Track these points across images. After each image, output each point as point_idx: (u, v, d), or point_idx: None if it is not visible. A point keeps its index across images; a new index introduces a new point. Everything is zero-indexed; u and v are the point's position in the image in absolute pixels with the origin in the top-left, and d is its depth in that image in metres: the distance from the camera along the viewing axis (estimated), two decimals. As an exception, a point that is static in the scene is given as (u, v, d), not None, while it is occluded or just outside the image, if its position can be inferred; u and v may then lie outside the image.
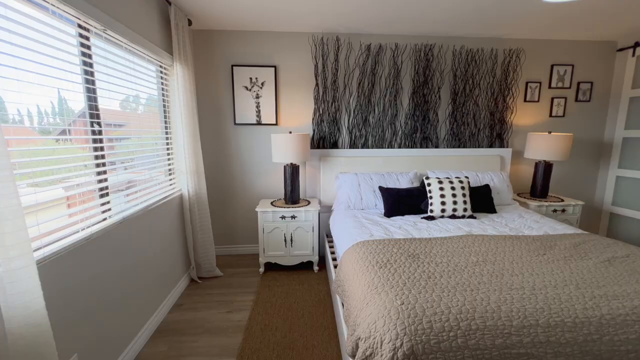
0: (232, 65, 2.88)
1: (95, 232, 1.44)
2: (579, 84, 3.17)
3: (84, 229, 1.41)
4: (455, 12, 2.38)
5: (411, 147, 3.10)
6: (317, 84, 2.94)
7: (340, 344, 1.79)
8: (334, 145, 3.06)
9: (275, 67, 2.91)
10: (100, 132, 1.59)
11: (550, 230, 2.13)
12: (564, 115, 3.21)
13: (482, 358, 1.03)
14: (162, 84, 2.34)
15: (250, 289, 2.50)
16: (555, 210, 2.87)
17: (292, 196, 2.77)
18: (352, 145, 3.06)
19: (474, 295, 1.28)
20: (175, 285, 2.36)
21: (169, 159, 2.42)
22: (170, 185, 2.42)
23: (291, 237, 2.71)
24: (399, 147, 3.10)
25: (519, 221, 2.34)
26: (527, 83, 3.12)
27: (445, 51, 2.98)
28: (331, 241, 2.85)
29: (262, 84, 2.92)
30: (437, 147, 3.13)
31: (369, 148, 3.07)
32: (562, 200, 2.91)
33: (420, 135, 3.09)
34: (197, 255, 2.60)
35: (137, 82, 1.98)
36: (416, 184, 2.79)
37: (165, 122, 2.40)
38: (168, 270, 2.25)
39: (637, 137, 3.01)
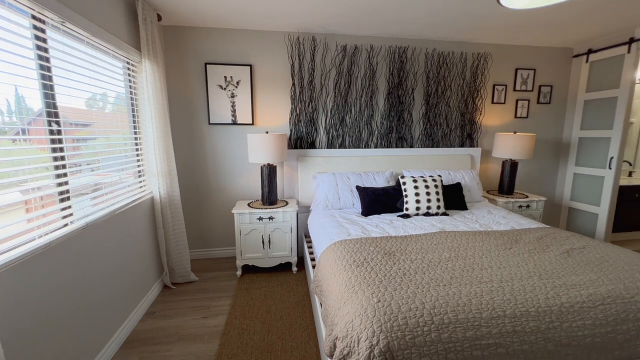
0: (206, 63, 2.79)
1: (55, 240, 1.34)
2: (540, 87, 3.38)
3: (41, 236, 1.31)
4: (426, 17, 2.45)
5: (387, 147, 3.16)
6: (293, 84, 2.93)
7: (319, 345, 1.79)
8: (312, 145, 3.05)
9: (250, 66, 2.86)
10: (59, 132, 1.49)
11: (516, 225, 2.25)
12: (527, 117, 3.42)
13: (454, 350, 1.07)
14: (129, 81, 2.23)
15: (227, 292, 2.44)
16: (520, 206, 3.04)
17: (270, 197, 2.73)
18: (330, 145, 3.08)
19: (447, 290, 1.32)
20: (146, 293, 2.25)
21: (138, 160, 2.31)
22: (140, 187, 2.31)
23: (269, 238, 2.67)
24: (376, 147, 3.15)
25: (488, 217, 2.45)
26: (494, 85, 3.28)
27: (419, 54, 3.07)
28: (310, 241, 2.84)
29: (238, 82, 2.86)
30: (411, 146, 3.21)
31: (346, 148, 3.09)
32: (527, 197, 3.09)
33: (395, 135, 3.16)
34: (170, 260, 2.50)
35: (102, 79, 1.87)
36: (392, 183, 2.85)
37: (134, 122, 2.29)
38: (138, 277, 2.14)
39: (590, 137, 3.26)
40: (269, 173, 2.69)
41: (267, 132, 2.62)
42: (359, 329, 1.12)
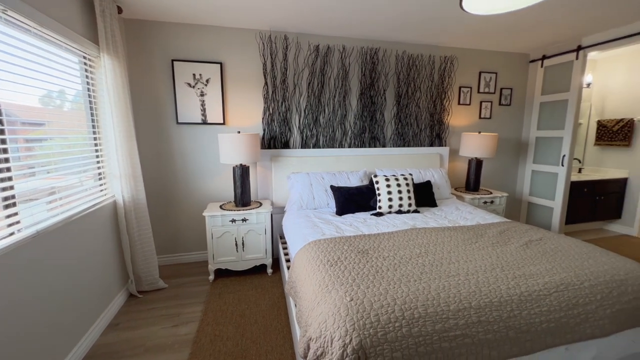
0: (173, 60, 2.67)
1: (-2, 251, 1.21)
2: (501, 89, 3.59)
3: (-19, 247, 1.18)
4: (393, 18, 2.52)
5: (360, 147, 3.20)
6: (266, 83, 2.88)
7: (294, 347, 1.78)
8: (286, 145, 3.02)
9: (221, 63, 2.77)
10: (2, 132, 1.35)
11: (481, 220, 2.37)
12: (490, 117, 3.62)
13: (424, 343, 1.10)
14: (87, 77, 2.07)
15: (198, 299, 2.35)
16: (485, 202, 3.22)
17: (243, 198, 2.67)
18: (304, 145, 3.06)
19: (417, 285, 1.36)
20: (109, 304, 2.11)
21: (98, 162, 2.15)
22: (101, 191, 2.16)
23: (242, 240, 2.61)
24: (349, 146, 3.18)
25: (456, 213, 2.56)
26: (460, 88, 3.44)
27: (389, 55, 3.14)
28: (285, 242, 2.81)
29: (207, 81, 2.76)
30: (384, 146, 3.28)
31: (320, 148, 3.10)
32: (491, 193, 3.28)
33: (368, 135, 3.22)
34: (136, 268, 2.36)
35: (54, 74, 1.72)
36: (366, 182, 2.89)
37: (93, 121, 2.13)
38: (99, 286, 2.00)
39: (546, 136, 3.52)
40: (242, 174, 2.63)
41: (239, 132, 2.55)
42: (332, 328, 1.12)
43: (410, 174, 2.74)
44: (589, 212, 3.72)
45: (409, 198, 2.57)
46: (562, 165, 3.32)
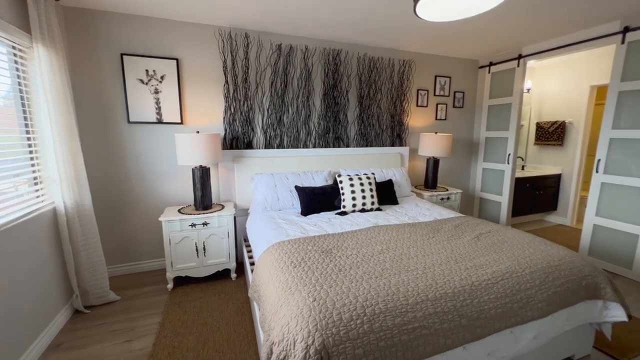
0: (122, 54, 2.47)
1: None
2: (455, 93, 3.84)
3: None
4: (347, 19, 2.58)
5: (325, 147, 3.23)
6: (226, 81, 2.78)
7: (259, 352, 1.74)
8: (249, 145, 2.95)
9: (177, 59, 2.63)
10: None
11: (438, 215, 2.51)
12: (446, 119, 3.85)
13: (385, 338, 1.13)
14: (17, 69, 1.84)
15: (156, 309, 2.20)
16: (442, 199, 3.41)
17: (204, 201, 2.55)
18: (268, 145, 3.01)
19: (378, 281, 1.40)
20: (49, 323, 1.89)
21: (33, 165, 1.93)
22: (37, 197, 1.94)
23: (204, 245, 2.49)
24: (314, 146, 3.19)
25: (415, 210, 2.68)
26: (417, 90, 3.61)
27: (351, 57, 3.20)
28: (249, 245, 2.74)
29: (162, 77, 2.60)
30: (348, 146, 3.34)
31: (284, 148, 3.07)
32: (447, 190, 3.48)
33: (332, 135, 3.25)
34: (81, 280, 2.15)
35: (-28, 65, 1.51)
36: (330, 182, 2.92)
37: (26, 119, 1.90)
38: (35, 305, 1.78)
39: (494, 137, 3.82)
40: (202, 175, 2.51)
41: (198, 132, 2.43)
42: (295, 330, 1.11)
43: (373, 174, 2.82)
44: (531, 205, 4.12)
45: (372, 197, 2.64)
46: (508, 163, 3.63)
